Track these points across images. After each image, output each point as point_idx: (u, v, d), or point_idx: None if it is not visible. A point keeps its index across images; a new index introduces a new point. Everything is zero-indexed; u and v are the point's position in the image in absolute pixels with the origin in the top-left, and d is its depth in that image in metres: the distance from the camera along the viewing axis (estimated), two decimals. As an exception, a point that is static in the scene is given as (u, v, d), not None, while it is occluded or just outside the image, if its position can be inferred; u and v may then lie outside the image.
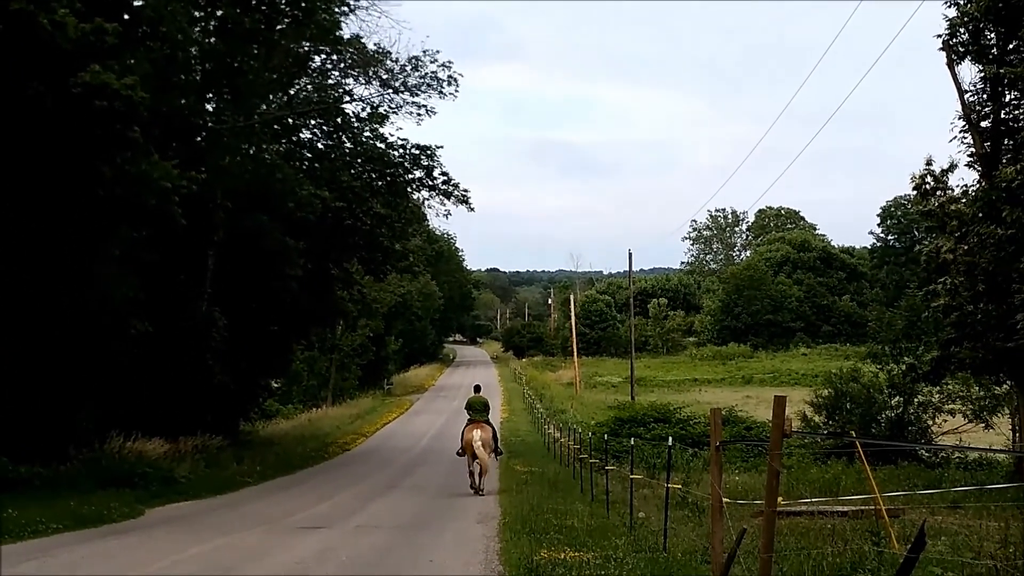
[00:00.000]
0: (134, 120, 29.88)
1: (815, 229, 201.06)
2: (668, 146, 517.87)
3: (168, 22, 33.99)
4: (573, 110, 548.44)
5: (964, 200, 35.90)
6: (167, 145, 38.68)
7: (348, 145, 55.12)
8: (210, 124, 44.33)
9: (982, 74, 35.17)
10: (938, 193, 36.94)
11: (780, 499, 10.90)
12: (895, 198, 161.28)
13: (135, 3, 33.30)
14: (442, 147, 54.67)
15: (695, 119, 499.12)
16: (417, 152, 54.43)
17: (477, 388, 38.00)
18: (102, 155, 30.57)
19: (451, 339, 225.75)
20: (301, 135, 55.10)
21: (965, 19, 34.96)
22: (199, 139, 43.91)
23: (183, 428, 41.58)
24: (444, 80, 52.62)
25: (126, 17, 32.11)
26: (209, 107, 46.42)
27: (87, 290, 33.13)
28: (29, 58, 28.14)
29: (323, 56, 53.17)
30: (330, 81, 54.42)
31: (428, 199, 57.71)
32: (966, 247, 34.09)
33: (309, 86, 54.23)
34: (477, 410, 35.74)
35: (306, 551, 19.84)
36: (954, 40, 35.95)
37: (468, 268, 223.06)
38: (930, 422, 44.58)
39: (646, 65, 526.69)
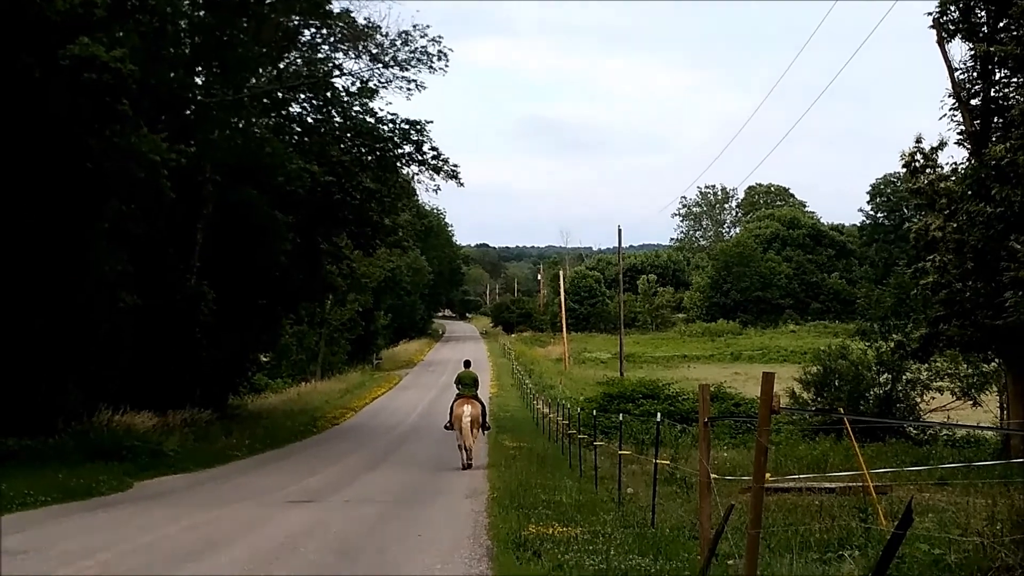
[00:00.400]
0: (123, 93, 29.84)
1: (805, 206, 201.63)
2: (658, 123, 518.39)
3: (158, -5, 33.93)
4: (564, 86, 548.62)
5: (953, 178, 35.99)
6: (156, 119, 38.66)
7: (338, 119, 55.02)
8: (199, 98, 44.26)
9: (972, 52, 35.22)
10: (928, 171, 36.99)
11: (768, 475, 10.90)
12: (885, 176, 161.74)
13: (124, -25, 33.17)
14: (432, 122, 54.65)
15: (686, 96, 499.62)
16: (407, 127, 54.31)
17: (467, 363, 38.05)
18: (91, 128, 30.54)
19: (440, 314, 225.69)
20: (291, 109, 55.01)
21: (956, -3, 35.06)
22: (188, 113, 43.86)
23: (172, 402, 41.60)
24: (434, 55, 52.57)
25: (115, -11, 31.98)
26: (198, 81, 46.36)
27: (75, 263, 33.09)
28: (17, 30, 28.07)
29: (313, 30, 53.09)
30: (320, 55, 54.33)
31: (418, 174, 57.65)
32: (955, 225, 34.17)
33: (299, 60, 54.12)
34: (467, 384, 35.72)
35: (295, 525, 19.86)
36: (944, 18, 36.00)
37: (458, 243, 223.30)
38: (918, 399, 44.71)
39: (637, 42, 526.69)
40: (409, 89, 53.63)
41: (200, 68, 46.60)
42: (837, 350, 47.35)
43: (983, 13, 35.36)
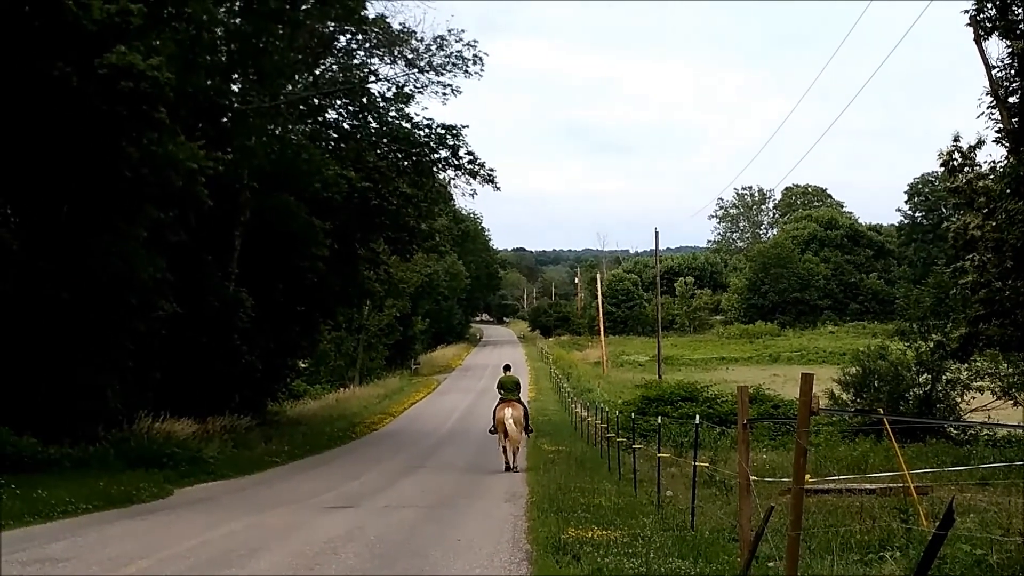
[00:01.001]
0: (160, 101, 29.95)
1: (842, 207, 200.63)
2: (694, 124, 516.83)
3: (193, 3, 34.04)
4: (600, 89, 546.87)
5: (992, 176, 35.83)
6: (193, 126, 38.77)
7: (374, 125, 55.15)
8: (236, 105, 44.37)
9: (1010, 49, 35.02)
10: (966, 170, 36.86)
11: (808, 477, 10.85)
12: (923, 175, 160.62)
13: (160, -17, 33.30)
14: (468, 127, 54.97)
15: (722, 97, 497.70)
16: (443, 132, 54.38)
17: (507, 368, 38.54)
18: (128, 136, 30.65)
19: (478, 319, 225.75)
20: (327, 115, 55.18)
21: (992, -5, 34.87)
22: (225, 120, 43.98)
23: (211, 408, 41.76)
24: (469, 59, 52.72)
25: (151, -2, 32.12)
26: (235, 88, 46.49)
27: (115, 271, 33.21)
28: (55, 39, 28.20)
29: (348, 36, 53.26)
30: (355, 61, 54.47)
31: (454, 178, 57.81)
32: (994, 223, 34.00)
33: (334, 66, 54.27)
34: (508, 389, 36.00)
35: (334, 530, 19.87)
36: (981, 16, 35.81)
37: (494, 247, 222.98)
38: (958, 399, 44.42)
39: (673, 43, 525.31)
40: (444, 94, 53.83)
41: (236, 75, 46.74)
42: (876, 351, 47.10)
43: (1020, 10, 35.13)
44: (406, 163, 55.61)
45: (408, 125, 54.58)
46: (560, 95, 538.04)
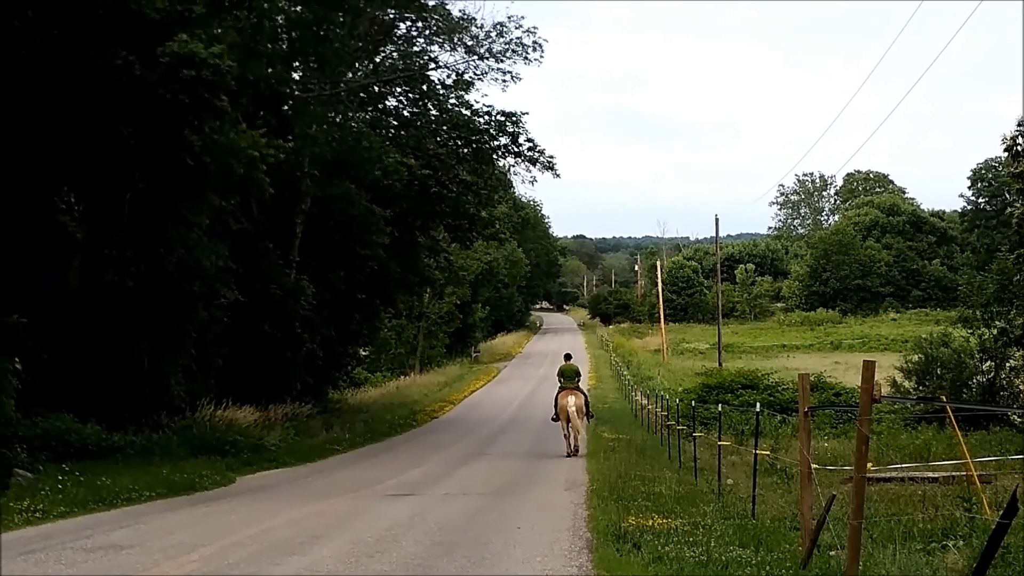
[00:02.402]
0: (221, 89, 30.07)
1: (904, 193, 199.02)
2: (755, 111, 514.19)
3: (254, -9, 34.15)
4: (656, 74, 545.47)
5: (1057, 162, 35.42)
6: (254, 114, 38.97)
7: (433, 112, 55.18)
8: (296, 93, 44.53)
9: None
10: (1031, 154, 36.47)
11: (870, 465, 10.79)
12: (986, 160, 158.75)
13: (222, -27, 33.45)
14: (527, 113, 54.77)
15: (783, 82, 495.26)
16: (502, 119, 54.31)
17: (568, 356, 39.16)
18: (190, 124, 30.82)
19: (538, 306, 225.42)
20: (387, 103, 55.37)
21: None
22: (286, 108, 44.15)
23: (272, 396, 42.00)
24: (529, 46, 52.65)
25: (213, -14, 32.26)
26: (295, 76, 46.65)
27: (178, 258, 33.43)
28: (118, 28, 28.37)
29: (408, 23, 53.33)
30: (415, 48, 54.57)
31: (514, 166, 57.78)
32: (1059, 209, 33.65)
33: (395, 53, 54.36)
34: (568, 377, 36.90)
35: (395, 517, 19.92)
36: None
37: (554, 235, 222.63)
38: (1022, 387, 44.01)
39: (732, 27, 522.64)
40: (504, 81, 53.83)
41: (297, 63, 46.90)
42: (939, 338, 46.74)
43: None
44: (466, 150, 55.62)
45: (468, 112, 54.62)
46: (614, 81, 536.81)
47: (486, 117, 54.43)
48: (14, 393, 24.28)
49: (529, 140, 55.05)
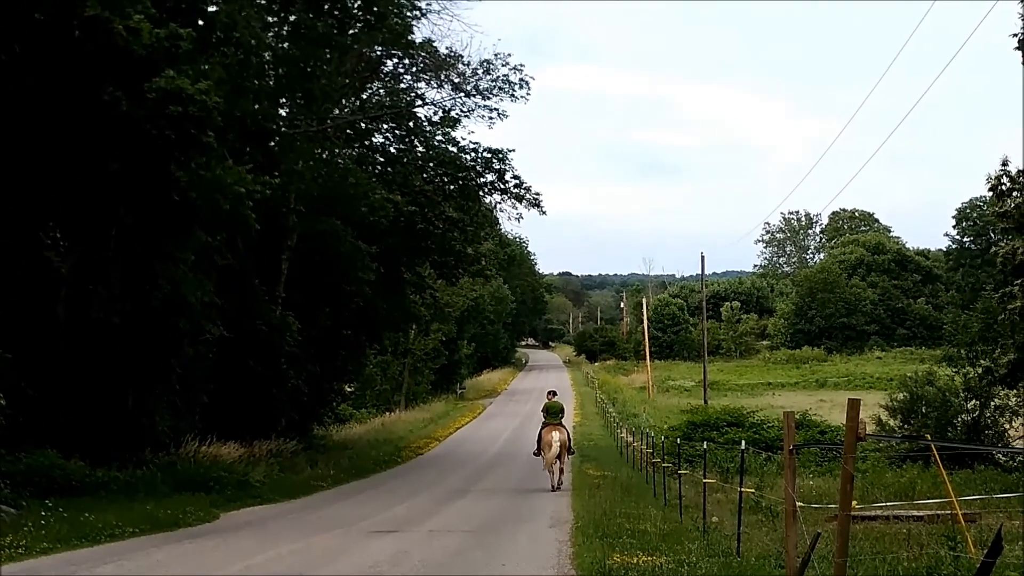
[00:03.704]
0: (208, 125, 30.07)
1: (889, 231, 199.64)
2: (740, 148, 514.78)
3: (242, 28, 34.17)
4: (644, 112, 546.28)
5: (1041, 201, 35.57)
6: (241, 150, 38.96)
7: (420, 149, 55.31)
8: (283, 129, 44.59)
9: (1059, 74, 34.84)
10: (1015, 194, 36.66)
11: (855, 503, 10.81)
12: (971, 199, 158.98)
13: (209, 9, 33.53)
14: (514, 151, 54.70)
15: (767, 121, 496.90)
16: (489, 156, 54.45)
17: (552, 393, 39.55)
18: (177, 160, 30.82)
19: (523, 343, 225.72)
20: (373, 139, 55.52)
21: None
22: (272, 144, 44.17)
23: (257, 432, 41.92)
24: (516, 83, 52.74)
25: (200, 23, 32.32)
26: (282, 112, 46.72)
27: (163, 294, 33.42)
28: (104, 63, 28.41)
29: (395, 60, 53.53)
30: (402, 85, 54.75)
31: (500, 203, 57.85)
32: (1043, 248, 33.77)
33: (381, 90, 54.56)
34: (553, 413, 37.66)
35: (380, 554, 19.89)
36: (1029, 40, 35.63)
37: (540, 272, 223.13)
38: (1007, 426, 44.14)
39: (717, 66, 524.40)
40: (491, 118, 53.91)
41: (284, 99, 46.99)
42: (924, 376, 46.87)
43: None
44: (452, 187, 55.77)
45: (454, 149, 54.79)
46: (604, 118, 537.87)
47: (472, 154, 54.58)
48: (-2, 429, 24.21)
49: (515, 177, 55.23)
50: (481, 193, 56.63)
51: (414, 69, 53.90)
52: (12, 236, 30.23)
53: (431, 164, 55.27)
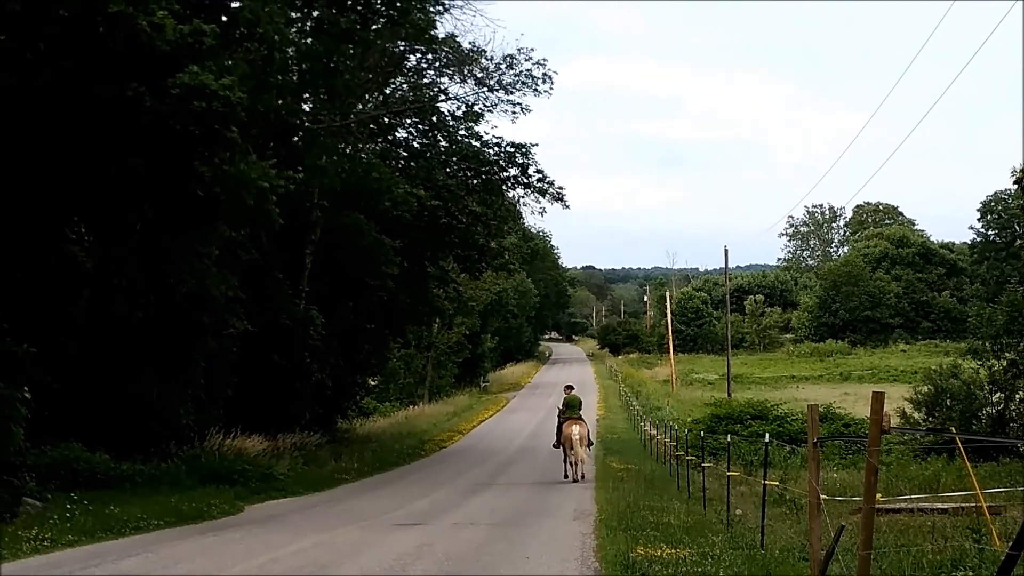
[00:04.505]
0: (232, 120, 30.14)
1: (914, 225, 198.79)
2: (764, 141, 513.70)
3: (265, 23, 34.20)
4: (668, 105, 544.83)
5: (1066, 194, 35.44)
6: (264, 145, 39.06)
7: (443, 144, 55.35)
8: (307, 124, 44.64)
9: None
10: (1039, 187, 36.51)
11: (879, 496, 10.81)
12: (995, 192, 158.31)
13: (233, 5, 33.61)
14: (537, 145, 54.67)
15: (792, 113, 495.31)
16: (512, 150, 54.43)
17: (570, 387, 40.38)
18: (200, 155, 30.88)
19: (547, 336, 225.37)
20: (397, 134, 55.55)
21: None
22: (296, 139, 44.24)
23: (281, 426, 42.00)
24: (539, 78, 52.71)
25: (224, 19, 32.38)
26: (306, 107, 46.76)
27: (188, 289, 33.53)
28: (128, 59, 28.48)
29: (418, 55, 53.53)
30: (425, 80, 54.75)
31: (523, 197, 57.83)
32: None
33: (404, 85, 54.58)
34: (572, 407, 38.25)
35: (403, 547, 19.92)
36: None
37: (563, 265, 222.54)
38: (1032, 419, 43.93)
39: (743, 57, 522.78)
40: (514, 112, 53.89)
41: (308, 94, 47.01)
42: (948, 369, 46.67)
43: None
44: (475, 181, 55.74)
45: (477, 143, 54.77)
46: (627, 112, 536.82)
47: (496, 148, 54.58)
48: (23, 422, 24.30)
49: (538, 171, 55.19)
50: (504, 187, 56.63)
51: (437, 64, 53.97)
52: (37, 231, 30.39)
53: (454, 159, 55.29)
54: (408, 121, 54.68)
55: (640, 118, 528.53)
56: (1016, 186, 38.13)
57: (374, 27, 47.15)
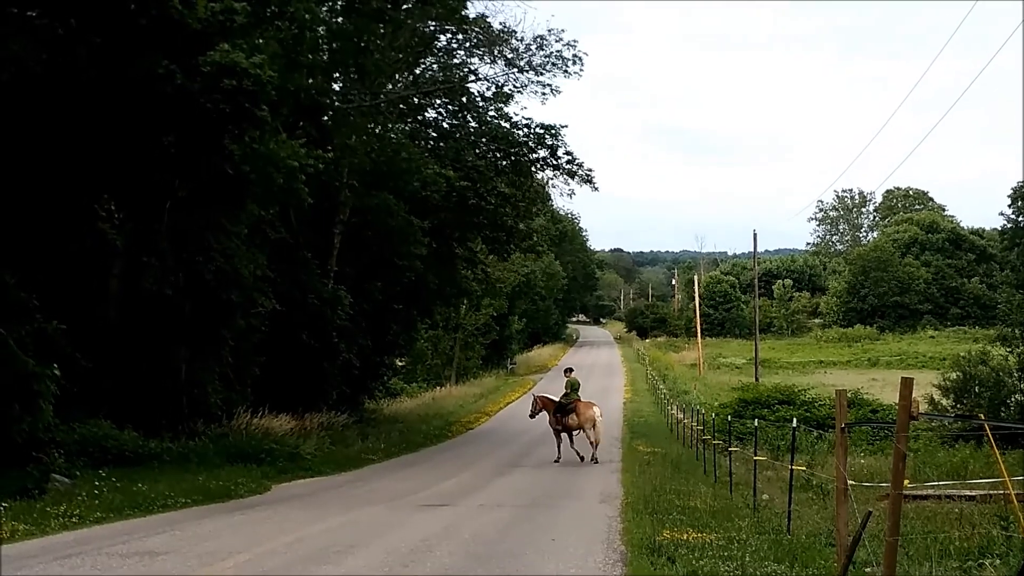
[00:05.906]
0: (262, 99, 30.15)
1: (944, 210, 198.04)
2: (795, 126, 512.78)
3: (296, 2, 34.22)
4: (693, 90, 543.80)
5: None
6: (294, 124, 39.10)
7: (473, 124, 55.23)
8: (336, 103, 44.68)
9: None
10: (1072, 173, 36.27)
11: (906, 482, 10.74)
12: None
13: (264, -17, 33.58)
14: (567, 126, 54.70)
15: (822, 98, 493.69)
16: (541, 131, 54.31)
17: (569, 370, 41.94)
18: (231, 133, 30.92)
19: (574, 319, 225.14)
20: (426, 114, 55.49)
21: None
22: (326, 118, 44.28)
23: (308, 405, 42.09)
24: (569, 59, 52.69)
25: (255, -3, 32.38)
26: (336, 86, 46.82)
27: (217, 267, 33.57)
28: (158, 37, 28.49)
29: (449, 35, 53.41)
30: (455, 60, 54.64)
31: (552, 178, 57.90)
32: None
33: (435, 65, 54.47)
34: (575, 389, 39.54)
35: (429, 528, 19.94)
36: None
37: (591, 248, 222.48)
38: (1062, 405, 43.78)
39: (768, 42, 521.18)
40: (544, 93, 53.87)
41: (338, 74, 47.05)
42: (977, 356, 46.58)
43: None
44: (504, 163, 55.64)
45: (507, 124, 54.69)
46: (657, 96, 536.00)
47: (525, 130, 54.49)
48: (52, 399, 24.38)
49: (568, 153, 55.10)
50: (533, 169, 56.59)
51: (467, 44, 53.85)
52: (68, 209, 30.45)
53: (484, 139, 55.17)
54: (438, 101, 54.61)
55: (671, 102, 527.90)
56: (1048, 172, 37.88)
57: (405, 6, 47.15)
